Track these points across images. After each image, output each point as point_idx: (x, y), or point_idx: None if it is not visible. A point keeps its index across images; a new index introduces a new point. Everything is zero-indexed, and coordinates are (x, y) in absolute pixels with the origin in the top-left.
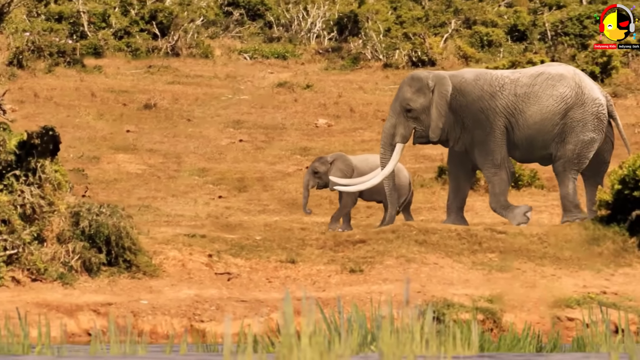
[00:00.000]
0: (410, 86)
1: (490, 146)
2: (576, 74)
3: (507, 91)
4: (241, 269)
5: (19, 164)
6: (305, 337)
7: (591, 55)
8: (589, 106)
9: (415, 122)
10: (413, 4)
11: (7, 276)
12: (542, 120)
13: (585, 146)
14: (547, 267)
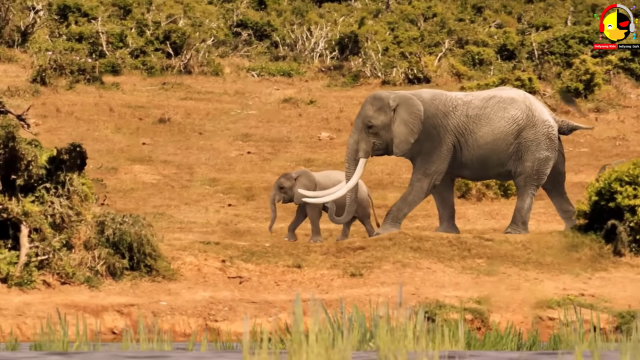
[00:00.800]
0: (372, 105)
1: (433, 158)
2: (527, 98)
3: (460, 112)
4: (252, 273)
5: (49, 177)
6: (312, 334)
7: (575, 73)
8: (540, 127)
9: (375, 137)
10: (409, 25)
11: (38, 280)
12: (495, 141)
13: (542, 163)
14: (530, 271)
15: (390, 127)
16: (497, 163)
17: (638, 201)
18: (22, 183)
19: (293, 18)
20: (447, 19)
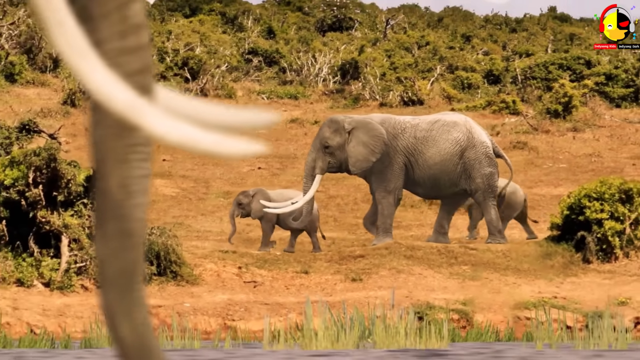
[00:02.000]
0: (329, 127)
1: (387, 176)
2: (467, 121)
3: (408, 134)
4: (264, 278)
5: (86, 193)
6: (320, 331)
7: (555, 96)
8: (479, 147)
9: (331, 156)
10: (405, 53)
11: (77, 284)
12: (443, 162)
13: (489, 178)
14: (509, 276)
15: (345, 147)
16: (450, 183)
17: (604, 215)
18: (62, 199)
19: (299, 46)
20: (438, 47)
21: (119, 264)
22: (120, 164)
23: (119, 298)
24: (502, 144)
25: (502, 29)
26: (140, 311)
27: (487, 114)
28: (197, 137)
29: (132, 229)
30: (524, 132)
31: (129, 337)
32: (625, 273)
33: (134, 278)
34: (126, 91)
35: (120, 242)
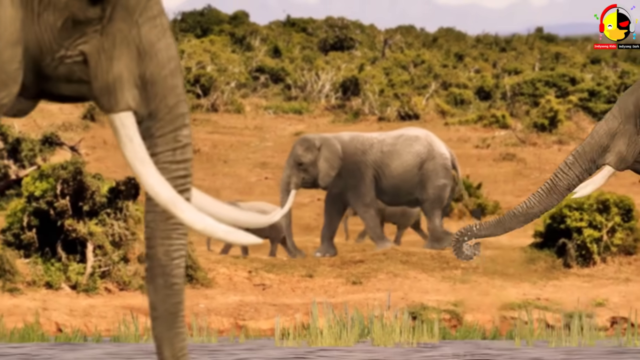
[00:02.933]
0: (301, 146)
1: (362, 190)
2: (428, 135)
3: (375, 149)
4: (273, 281)
5: (109, 204)
6: (325, 329)
7: (541, 111)
8: (438, 159)
9: (304, 172)
10: (401, 70)
11: (101, 287)
12: (405, 172)
13: (441, 189)
14: (496, 280)
15: (316, 164)
16: (407, 192)
17: (583, 223)
18: (87, 209)
19: (303, 64)
20: (433, 65)
21: (165, 307)
22: (164, 239)
23: (165, 331)
24: (492, 155)
25: (492, 49)
26: (180, 341)
27: (478, 127)
28: (214, 227)
29: (174, 282)
30: (512, 145)
31: (170, 359)
32: (602, 277)
33: (178, 317)
34: (170, 190)
35: (166, 292)
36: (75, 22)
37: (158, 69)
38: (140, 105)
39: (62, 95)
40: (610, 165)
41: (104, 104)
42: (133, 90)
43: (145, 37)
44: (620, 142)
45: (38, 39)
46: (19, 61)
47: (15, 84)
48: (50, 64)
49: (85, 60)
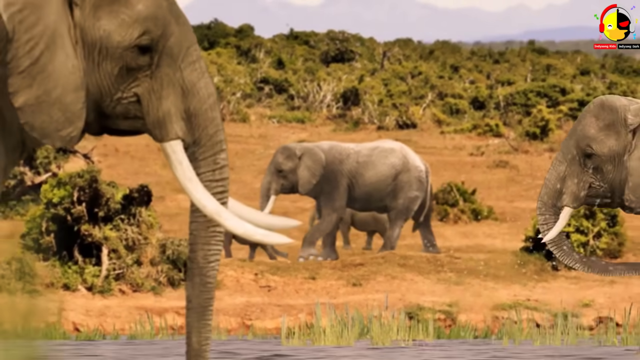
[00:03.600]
0: (282, 154)
1: (334, 196)
2: (403, 148)
3: (352, 159)
4: (277, 283)
5: (123, 210)
6: (327, 328)
7: (533, 120)
8: (413, 172)
9: (284, 179)
10: (399, 81)
11: (115, 288)
12: (378, 182)
13: (411, 201)
14: (489, 282)
15: (296, 171)
16: (378, 199)
17: (571, 229)
18: (102, 215)
19: (306, 76)
20: (430, 77)
21: (199, 301)
22: (204, 244)
23: (195, 321)
24: (486, 162)
25: (487, 61)
26: (207, 331)
27: (473, 136)
28: (253, 232)
29: (209, 281)
30: (505, 153)
31: (195, 345)
32: (588, 279)
33: (207, 310)
34: (215, 202)
35: (201, 288)
36: (129, 69)
37: (200, 104)
38: (186, 134)
39: (121, 130)
40: (568, 205)
41: (156, 135)
42: (180, 123)
43: (187, 79)
44: (570, 183)
45: (99, 84)
46: (83, 102)
47: (80, 121)
48: (110, 104)
49: (139, 100)
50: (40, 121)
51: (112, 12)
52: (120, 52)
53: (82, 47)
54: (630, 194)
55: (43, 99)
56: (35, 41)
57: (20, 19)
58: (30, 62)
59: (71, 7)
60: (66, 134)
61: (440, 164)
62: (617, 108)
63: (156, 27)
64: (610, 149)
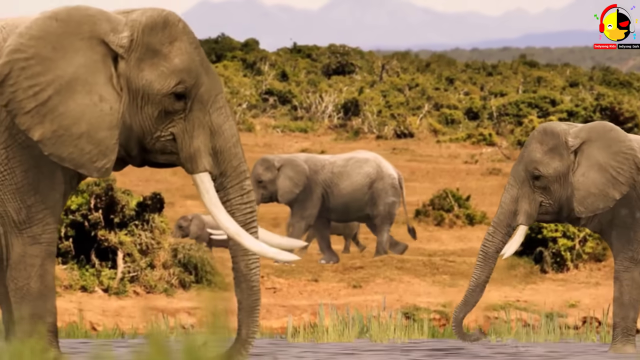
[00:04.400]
0: (261, 165)
1: (307, 204)
2: (376, 158)
3: (327, 170)
4: (282, 285)
5: (137, 217)
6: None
7: (525, 130)
8: (387, 179)
9: (264, 189)
10: (398, 93)
11: (130, 290)
12: (354, 191)
13: (390, 206)
14: None
15: (275, 182)
16: (357, 209)
17: (558, 234)
18: (118, 221)
19: (308, 87)
20: (426, 88)
21: (248, 302)
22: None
23: (245, 318)
24: (480, 170)
25: (480, 73)
26: (254, 326)
27: (467, 144)
28: (266, 251)
29: (253, 285)
30: (498, 161)
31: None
32: (575, 281)
33: (255, 309)
34: (235, 225)
35: (248, 292)
36: (167, 112)
37: (225, 142)
38: (213, 167)
39: (159, 163)
40: (523, 224)
41: (188, 168)
42: (208, 158)
43: (215, 122)
44: (523, 204)
45: (141, 124)
46: (116, 139)
47: (113, 154)
48: (150, 141)
49: (174, 138)
50: (68, 153)
51: (153, 64)
52: (160, 98)
53: (127, 93)
54: (579, 205)
55: (61, 133)
56: (42, 87)
57: (24, 66)
58: (37, 104)
59: (116, 60)
60: (101, 166)
61: (437, 172)
62: (558, 133)
63: (190, 78)
64: (556, 170)
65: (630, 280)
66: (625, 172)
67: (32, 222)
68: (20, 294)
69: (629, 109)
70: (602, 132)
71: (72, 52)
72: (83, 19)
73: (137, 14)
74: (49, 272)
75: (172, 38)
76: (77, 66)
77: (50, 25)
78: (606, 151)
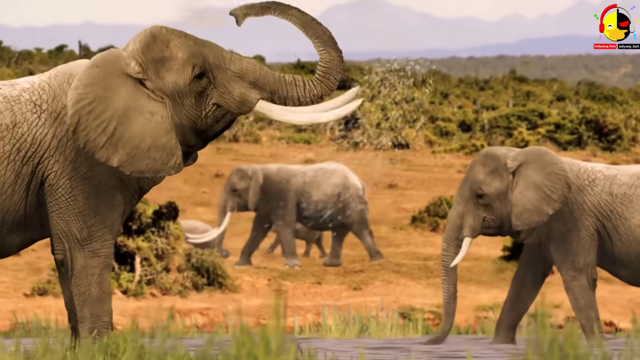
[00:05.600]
0: (236, 175)
1: (284, 212)
2: (343, 169)
3: (298, 179)
4: (288, 287)
5: (154, 224)
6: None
7: (514, 141)
8: (352, 189)
9: (238, 198)
10: (395, 106)
11: (147, 292)
12: (325, 200)
13: (361, 213)
14: (472, 286)
15: (248, 190)
16: (331, 217)
17: None
18: (135, 227)
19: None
20: (422, 102)
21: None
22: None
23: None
24: None
25: (473, 88)
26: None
27: (461, 155)
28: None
29: None
30: None
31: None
32: (559, 284)
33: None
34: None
35: None
36: (199, 93)
37: (253, 73)
38: (260, 93)
39: (218, 132)
40: (468, 236)
41: (245, 111)
42: (252, 91)
43: (235, 69)
44: (468, 219)
45: (188, 116)
46: (175, 138)
47: (179, 150)
48: (203, 122)
49: (219, 105)
50: (145, 165)
51: (167, 69)
52: (189, 88)
53: (168, 99)
54: (517, 220)
55: (134, 152)
56: (107, 122)
57: (90, 110)
58: (107, 137)
59: (142, 82)
60: (173, 163)
61: (432, 180)
62: (498, 156)
63: (197, 59)
64: (497, 189)
65: (580, 287)
66: (557, 190)
67: (92, 239)
68: (82, 298)
69: (613, 122)
70: (537, 155)
71: (116, 88)
72: (110, 62)
73: (131, 44)
74: (106, 280)
75: (165, 43)
76: (124, 98)
77: (94, 72)
78: (541, 172)
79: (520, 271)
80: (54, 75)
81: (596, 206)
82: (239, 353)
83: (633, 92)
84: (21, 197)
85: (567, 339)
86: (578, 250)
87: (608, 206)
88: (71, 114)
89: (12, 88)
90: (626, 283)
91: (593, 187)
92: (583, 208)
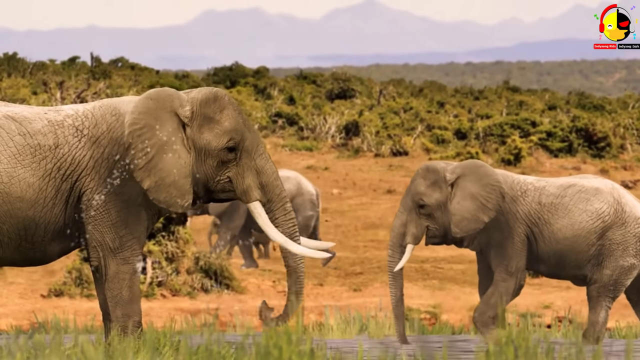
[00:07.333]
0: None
1: (233, 216)
2: (297, 176)
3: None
4: None
5: (164, 229)
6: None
7: (508, 149)
8: (306, 195)
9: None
10: (394, 115)
11: (158, 293)
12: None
13: (308, 219)
14: (467, 288)
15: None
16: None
17: None
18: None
19: (313, 110)
20: (419, 111)
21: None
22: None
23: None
24: None
25: (468, 97)
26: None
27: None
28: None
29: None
30: None
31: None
32: (548, 285)
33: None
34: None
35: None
36: (223, 162)
37: (268, 178)
38: (261, 197)
39: (221, 199)
40: (410, 243)
41: (243, 199)
42: (257, 191)
43: (259, 164)
44: (411, 227)
45: (205, 173)
46: (190, 184)
47: (190, 195)
48: (213, 184)
49: (231, 180)
50: (163, 197)
51: (210, 128)
52: (217, 152)
53: (194, 151)
54: (455, 227)
55: (160, 183)
56: (150, 148)
57: (140, 134)
58: (146, 162)
59: (185, 127)
60: (183, 203)
61: None
62: (438, 170)
63: (237, 135)
64: (437, 200)
65: (505, 289)
66: (492, 200)
67: (123, 248)
68: (114, 301)
69: (602, 130)
70: (474, 168)
71: (163, 122)
72: (166, 98)
73: (195, 92)
74: (135, 284)
75: (221, 107)
76: (167, 132)
77: (148, 103)
78: (477, 183)
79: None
80: (99, 107)
81: (527, 214)
82: (267, 344)
83: (622, 102)
84: (61, 210)
85: (519, 333)
86: (512, 255)
87: (537, 214)
88: (127, 133)
89: (57, 113)
90: (544, 276)
91: (525, 197)
92: (516, 217)
